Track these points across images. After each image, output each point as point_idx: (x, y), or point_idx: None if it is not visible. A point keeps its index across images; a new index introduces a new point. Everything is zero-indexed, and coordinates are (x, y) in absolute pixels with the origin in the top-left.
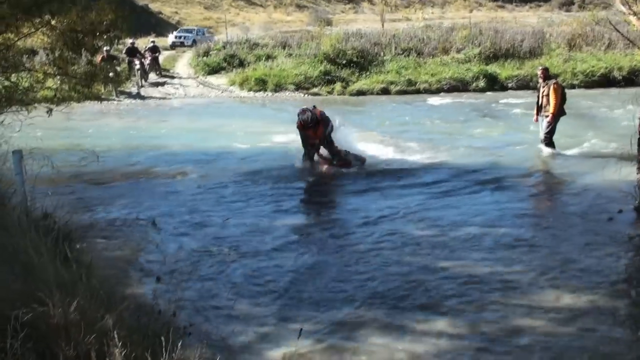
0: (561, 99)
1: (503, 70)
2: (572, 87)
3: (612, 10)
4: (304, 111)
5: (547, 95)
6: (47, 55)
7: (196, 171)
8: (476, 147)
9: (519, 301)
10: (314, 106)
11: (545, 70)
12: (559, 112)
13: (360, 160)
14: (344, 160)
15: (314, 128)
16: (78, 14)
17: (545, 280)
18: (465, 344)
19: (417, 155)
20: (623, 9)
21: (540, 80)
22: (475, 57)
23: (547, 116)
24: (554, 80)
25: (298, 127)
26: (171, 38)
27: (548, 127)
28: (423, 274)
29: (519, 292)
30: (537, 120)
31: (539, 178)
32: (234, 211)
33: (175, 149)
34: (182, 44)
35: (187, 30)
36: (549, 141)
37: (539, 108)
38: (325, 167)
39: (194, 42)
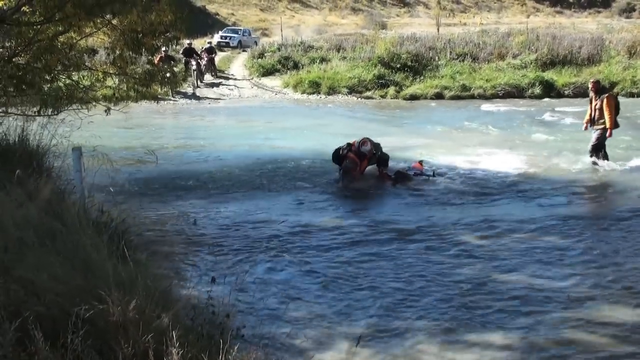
0: (615, 111)
1: (560, 77)
2: (632, 95)
3: None
4: (365, 142)
5: (600, 108)
6: (108, 54)
7: (249, 170)
8: (529, 156)
9: (574, 314)
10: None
11: (597, 84)
12: (614, 126)
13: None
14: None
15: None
16: (139, 15)
17: (601, 294)
18: (515, 356)
19: (468, 164)
20: None
21: (592, 93)
22: (531, 63)
23: (598, 129)
24: (606, 95)
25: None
26: (216, 38)
27: (597, 139)
28: (476, 283)
29: (574, 305)
30: (586, 128)
31: (594, 189)
32: (287, 212)
33: (229, 149)
34: (227, 44)
35: (233, 31)
36: (594, 153)
37: (592, 121)
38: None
39: (240, 42)
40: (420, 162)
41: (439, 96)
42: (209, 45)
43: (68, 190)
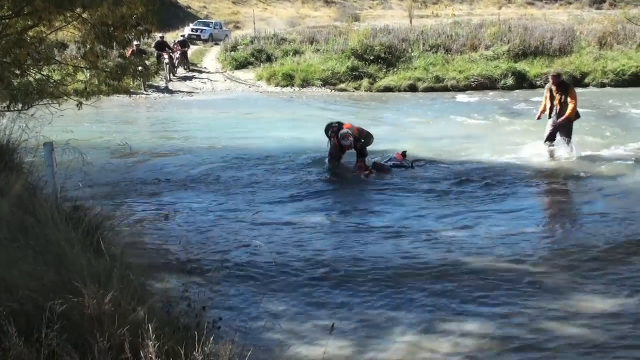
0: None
1: (532, 67)
2: (603, 85)
3: None
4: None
5: (566, 102)
6: (78, 48)
7: (224, 164)
8: (506, 146)
9: (549, 304)
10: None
11: (558, 77)
12: (575, 116)
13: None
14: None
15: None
16: (109, 7)
17: (576, 283)
18: (492, 344)
19: (445, 155)
20: None
21: (552, 86)
22: (503, 54)
23: (564, 122)
24: (570, 86)
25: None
26: (187, 31)
27: (569, 131)
28: (451, 273)
29: (549, 294)
30: (540, 117)
31: (563, 178)
32: (263, 206)
33: (203, 143)
34: (198, 37)
35: (204, 24)
36: (569, 140)
37: (557, 115)
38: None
39: (211, 35)
40: (403, 153)
41: (412, 88)
42: (182, 38)
43: (40, 185)
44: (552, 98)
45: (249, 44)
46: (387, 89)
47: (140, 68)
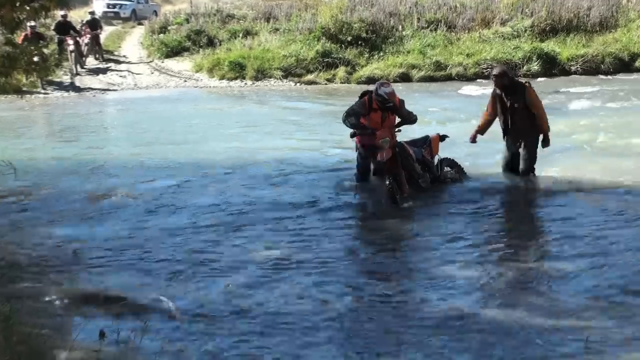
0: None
1: (564, 48)
2: None
3: None
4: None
5: (524, 110)
6: None
7: (151, 188)
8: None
9: None
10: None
11: (503, 76)
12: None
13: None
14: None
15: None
16: None
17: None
18: None
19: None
20: None
21: (498, 90)
22: (526, 31)
23: (526, 142)
24: (527, 87)
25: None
26: (101, 7)
27: (533, 156)
28: (469, 325)
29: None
30: (475, 140)
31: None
32: (193, 236)
33: (121, 158)
34: (116, 15)
35: None
36: (532, 172)
37: (512, 132)
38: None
39: (134, 12)
40: (442, 137)
41: (405, 77)
42: (91, 17)
43: None
44: (503, 108)
45: (183, 24)
46: (371, 80)
47: (36, 59)
